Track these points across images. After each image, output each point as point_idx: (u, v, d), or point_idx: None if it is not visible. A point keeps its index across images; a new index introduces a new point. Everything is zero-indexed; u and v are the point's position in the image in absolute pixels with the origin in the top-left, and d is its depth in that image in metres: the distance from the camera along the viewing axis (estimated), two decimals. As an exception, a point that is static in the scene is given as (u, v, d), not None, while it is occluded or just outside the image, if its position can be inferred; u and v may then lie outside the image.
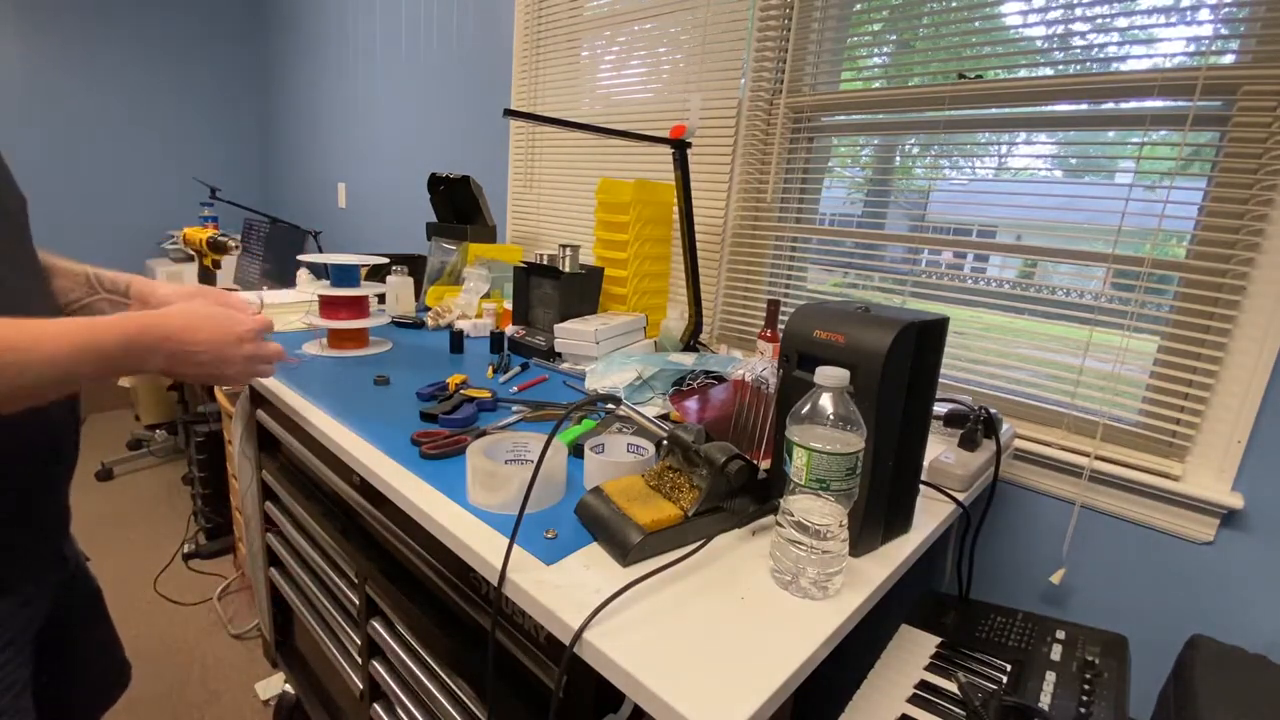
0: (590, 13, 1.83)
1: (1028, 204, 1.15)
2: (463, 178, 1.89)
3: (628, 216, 1.37)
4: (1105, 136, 1.12)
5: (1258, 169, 0.92)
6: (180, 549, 2.13)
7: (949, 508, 0.80)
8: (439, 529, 0.66)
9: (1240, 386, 0.94)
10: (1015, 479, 1.14)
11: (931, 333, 0.65)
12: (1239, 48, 0.95)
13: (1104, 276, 1.07)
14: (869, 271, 1.39)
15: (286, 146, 3.63)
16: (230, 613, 1.87)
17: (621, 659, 0.48)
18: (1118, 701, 0.70)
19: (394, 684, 0.90)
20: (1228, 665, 0.73)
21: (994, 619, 0.87)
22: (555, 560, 0.60)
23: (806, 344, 0.65)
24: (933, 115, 1.24)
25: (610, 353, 1.21)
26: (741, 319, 1.58)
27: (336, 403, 0.95)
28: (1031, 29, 1.13)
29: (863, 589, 0.60)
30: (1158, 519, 1.02)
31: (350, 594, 0.98)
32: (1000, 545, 1.18)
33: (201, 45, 3.53)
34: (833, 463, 0.55)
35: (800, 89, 1.42)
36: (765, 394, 0.82)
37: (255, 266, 2.69)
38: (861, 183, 1.45)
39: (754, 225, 1.52)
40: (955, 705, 0.69)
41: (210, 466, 2.06)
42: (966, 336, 1.23)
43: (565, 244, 1.35)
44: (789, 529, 0.58)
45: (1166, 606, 1.02)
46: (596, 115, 1.87)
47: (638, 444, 0.78)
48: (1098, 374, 1.08)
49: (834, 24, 1.38)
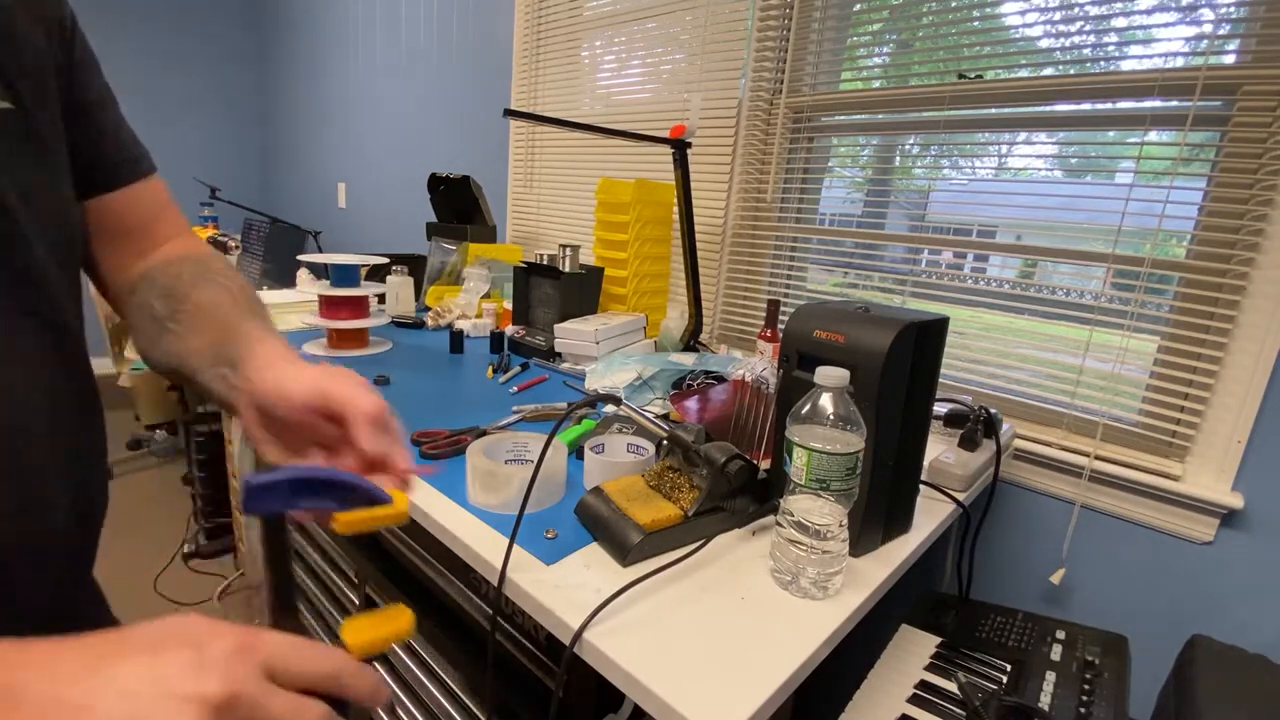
0: (590, 13, 1.83)
1: (1028, 204, 1.15)
2: (463, 178, 1.89)
3: (628, 216, 1.37)
4: (1105, 136, 1.12)
5: (1258, 169, 0.92)
6: (180, 549, 2.13)
7: (949, 508, 0.80)
8: (439, 529, 0.66)
9: (1240, 386, 0.94)
10: (1015, 479, 1.14)
11: (931, 333, 0.65)
12: (1239, 48, 0.95)
13: (1104, 276, 1.07)
14: (869, 271, 1.39)
15: (286, 146, 3.63)
16: (230, 613, 1.87)
17: (621, 659, 0.48)
18: (1118, 701, 0.70)
19: (394, 684, 0.90)
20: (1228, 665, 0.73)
21: (994, 619, 0.87)
22: (555, 560, 0.60)
23: (806, 344, 0.65)
24: (933, 115, 1.24)
25: (610, 353, 1.21)
26: (741, 319, 1.58)
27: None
28: (1031, 29, 1.13)
29: (863, 589, 0.60)
30: (1158, 519, 1.02)
31: (350, 594, 0.98)
32: (1000, 545, 1.17)
33: (202, 45, 3.53)
34: (833, 463, 0.55)
35: (800, 89, 1.42)
36: (765, 394, 0.82)
37: (255, 266, 2.69)
38: (861, 183, 1.45)
39: (754, 225, 1.52)
40: (955, 705, 0.69)
41: (210, 466, 2.06)
42: (966, 336, 1.23)
43: (565, 244, 1.35)
44: (789, 529, 0.58)
45: (1166, 606, 1.02)
46: (596, 115, 1.87)
47: (638, 444, 0.78)
48: (1098, 374, 1.08)
49: (834, 24, 1.38)
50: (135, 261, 0.55)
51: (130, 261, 0.55)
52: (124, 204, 0.53)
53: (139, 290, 0.52)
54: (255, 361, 0.44)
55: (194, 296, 0.49)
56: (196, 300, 0.49)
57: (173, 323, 0.49)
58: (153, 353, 0.50)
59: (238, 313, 0.49)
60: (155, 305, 0.50)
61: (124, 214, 0.53)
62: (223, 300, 0.50)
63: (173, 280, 0.51)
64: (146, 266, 0.54)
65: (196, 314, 0.49)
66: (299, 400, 0.41)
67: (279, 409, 0.42)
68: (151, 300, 0.50)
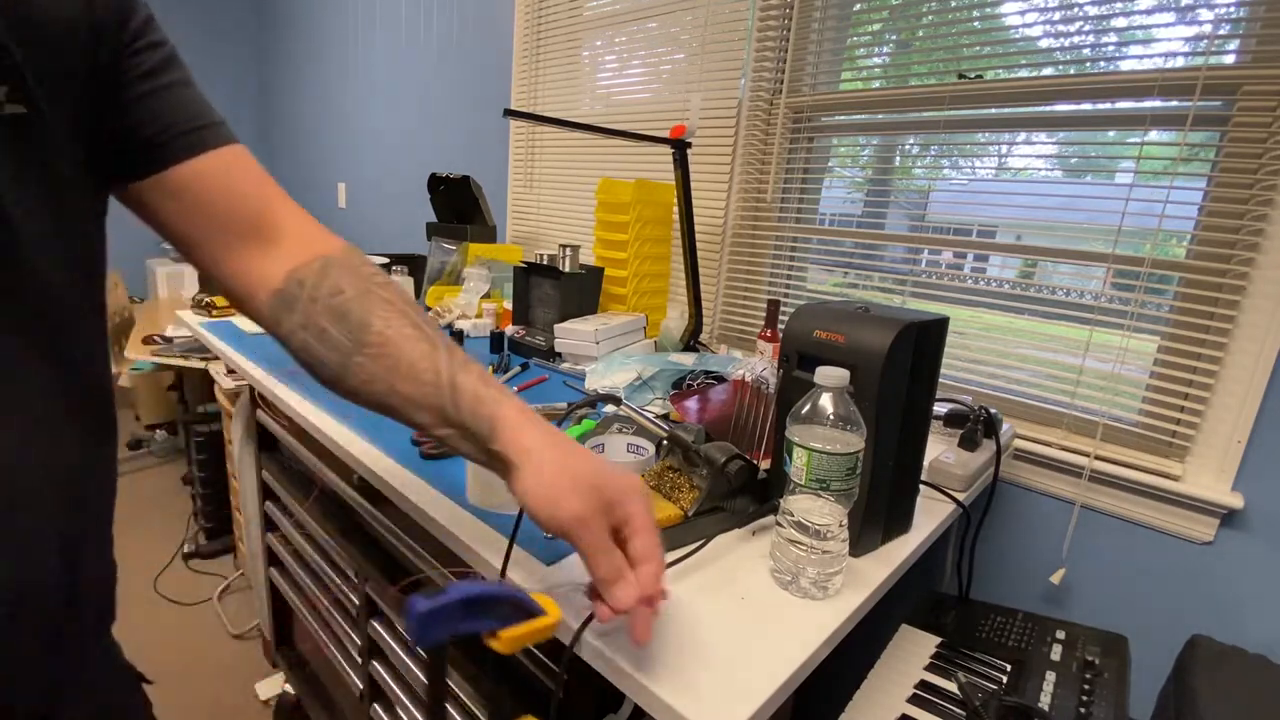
0: (590, 13, 1.83)
1: (1028, 204, 1.15)
2: (463, 178, 1.89)
3: (628, 216, 1.37)
4: (1105, 136, 1.12)
5: (1258, 169, 0.92)
6: (180, 549, 2.13)
7: (949, 508, 0.80)
8: (439, 529, 0.66)
9: (1240, 386, 0.94)
10: (1015, 479, 1.14)
11: (931, 333, 0.65)
12: (1239, 48, 0.95)
13: (1104, 276, 1.07)
14: (869, 271, 1.39)
15: (286, 146, 3.63)
16: (230, 613, 1.87)
17: (621, 659, 0.48)
18: (1118, 701, 0.70)
19: (394, 684, 0.90)
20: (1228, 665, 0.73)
21: (994, 619, 0.87)
22: (555, 560, 0.60)
23: (806, 344, 0.65)
24: (932, 115, 1.24)
25: (610, 353, 1.21)
26: (741, 319, 1.58)
27: (336, 403, 0.95)
28: (1031, 29, 1.13)
29: (863, 589, 0.60)
30: (1158, 519, 1.02)
31: (350, 594, 0.98)
32: (1000, 545, 1.17)
33: (202, 45, 3.53)
34: (833, 463, 0.55)
35: (800, 89, 1.42)
36: (765, 394, 0.82)
37: (255, 266, 2.69)
38: (861, 183, 1.45)
39: (754, 225, 1.52)
40: (955, 705, 0.69)
41: (210, 466, 2.06)
42: (966, 336, 1.23)
43: (565, 244, 1.35)
44: (789, 529, 0.58)
45: (1166, 606, 1.02)
46: (596, 115, 1.87)
47: (638, 444, 0.78)
48: (1098, 374, 1.08)
49: (834, 24, 1.38)
50: (261, 261, 0.49)
51: (256, 262, 0.49)
52: (200, 180, 0.47)
53: (297, 308, 0.47)
54: (513, 454, 0.45)
55: (375, 325, 0.47)
56: (381, 332, 0.47)
57: (361, 356, 0.46)
58: (339, 386, 0.48)
59: (436, 354, 0.47)
60: (331, 332, 0.47)
61: (205, 193, 0.47)
62: (408, 332, 0.47)
63: (337, 298, 0.47)
64: (292, 276, 0.48)
65: (387, 350, 0.46)
66: (570, 521, 0.43)
67: (550, 527, 0.44)
68: (322, 323, 0.47)
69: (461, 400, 0.46)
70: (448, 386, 0.46)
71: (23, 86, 0.36)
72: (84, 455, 0.45)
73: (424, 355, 0.46)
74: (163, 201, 0.46)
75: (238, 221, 0.48)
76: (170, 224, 0.47)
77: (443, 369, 0.46)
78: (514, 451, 0.45)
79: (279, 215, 0.50)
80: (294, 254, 0.49)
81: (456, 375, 0.46)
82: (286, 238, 0.50)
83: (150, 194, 0.46)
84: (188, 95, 0.47)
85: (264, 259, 0.49)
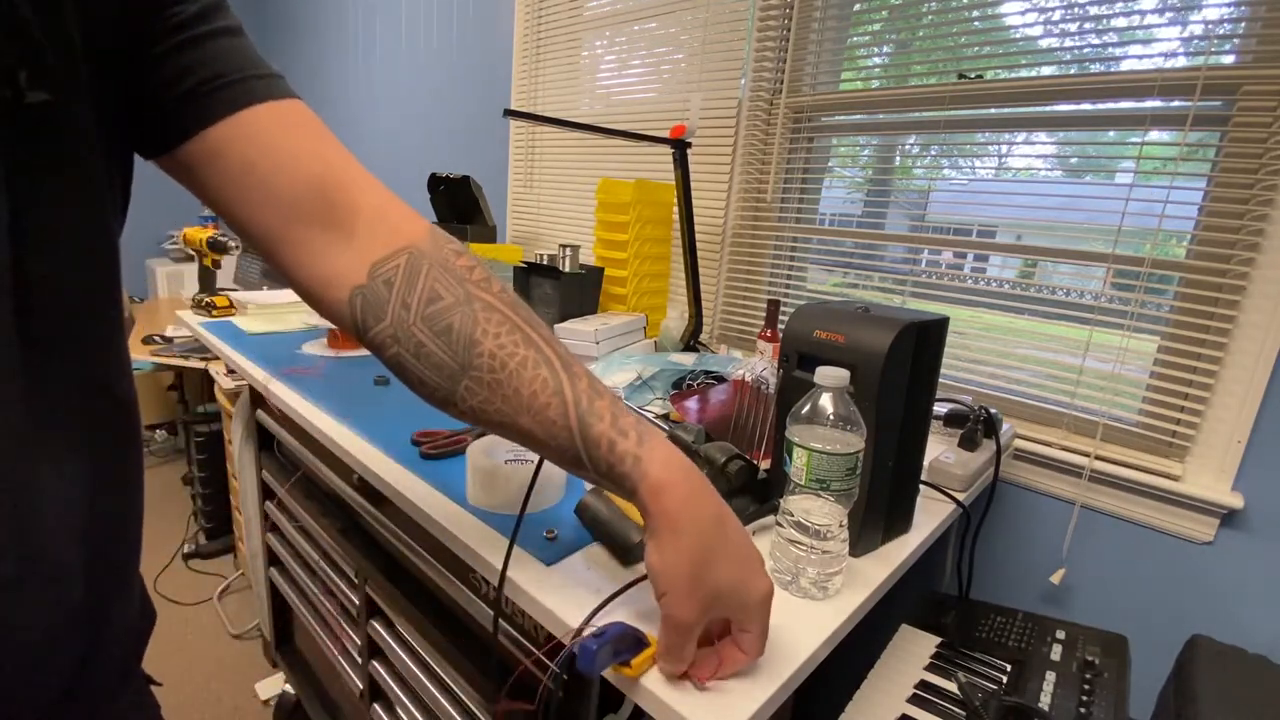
0: (590, 13, 1.83)
1: (1028, 204, 1.15)
2: (463, 178, 1.89)
3: (628, 216, 1.37)
4: (1105, 136, 1.12)
5: (1258, 169, 0.92)
6: (180, 549, 2.13)
7: (949, 508, 0.80)
8: (439, 529, 0.66)
9: (1240, 386, 0.94)
10: (1015, 479, 1.14)
11: (931, 333, 0.65)
12: (1239, 48, 0.95)
13: (1104, 276, 1.07)
14: (869, 271, 1.39)
15: (286, 146, 3.62)
16: (230, 613, 1.87)
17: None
18: (1118, 701, 0.70)
19: (394, 684, 0.90)
20: (1228, 665, 0.73)
21: (994, 619, 0.87)
22: (555, 560, 0.60)
23: (806, 344, 0.65)
24: (933, 115, 1.24)
25: (610, 353, 1.21)
26: (741, 319, 1.58)
27: (336, 403, 0.95)
28: (1031, 29, 1.13)
29: (863, 589, 0.60)
30: (1158, 519, 1.02)
31: (350, 594, 0.98)
32: (1000, 545, 1.17)
33: (201, 45, 3.52)
34: (833, 463, 0.55)
35: (800, 89, 1.42)
36: (765, 394, 0.82)
37: (255, 266, 2.69)
38: (861, 183, 1.45)
39: (754, 225, 1.52)
40: (955, 705, 0.69)
41: (210, 466, 2.06)
42: (966, 336, 1.23)
43: (565, 244, 1.35)
44: (789, 529, 0.58)
45: (1166, 606, 1.02)
46: (596, 115, 1.87)
47: (638, 444, 0.77)
48: (1098, 374, 1.08)
49: (834, 24, 1.38)
50: (332, 248, 0.41)
51: (326, 248, 0.41)
52: (246, 140, 0.38)
53: (386, 315, 0.41)
54: (653, 520, 0.42)
55: (484, 344, 0.41)
56: (492, 353, 0.41)
57: (469, 380, 0.41)
58: (450, 410, 0.44)
59: (559, 382, 0.42)
60: (431, 349, 0.41)
61: (253, 154, 0.39)
62: (522, 353, 0.41)
63: (434, 307, 0.41)
64: (375, 273, 0.41)
65: (500, 376, 0.41)
66: (673, 619, 0.43)
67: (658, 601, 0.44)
68: (419, 337, 0.41)
69: (596, 454, 0.41)
70: (579, 435, 0.41)
71: (46, 69, 0.30)
72: (111, 468, 0.40)
73: (544, 385, 0.41)
74: (203, 168, 0.39)
75: (295, 191, 0.40)
76: (218, 197, 0.39)
77: (570, 409, 0.41)
78: (654, 517, 0.42)
79: (348, 186, 0.42)
80: (374, 241, 0.42)
81: (586, 420, 0.41)
82: (361, 218, 0.42)
83: (193, 159, 0.38)
84: (234, 44, 0.39)
85: (335, 245, 0.41)
